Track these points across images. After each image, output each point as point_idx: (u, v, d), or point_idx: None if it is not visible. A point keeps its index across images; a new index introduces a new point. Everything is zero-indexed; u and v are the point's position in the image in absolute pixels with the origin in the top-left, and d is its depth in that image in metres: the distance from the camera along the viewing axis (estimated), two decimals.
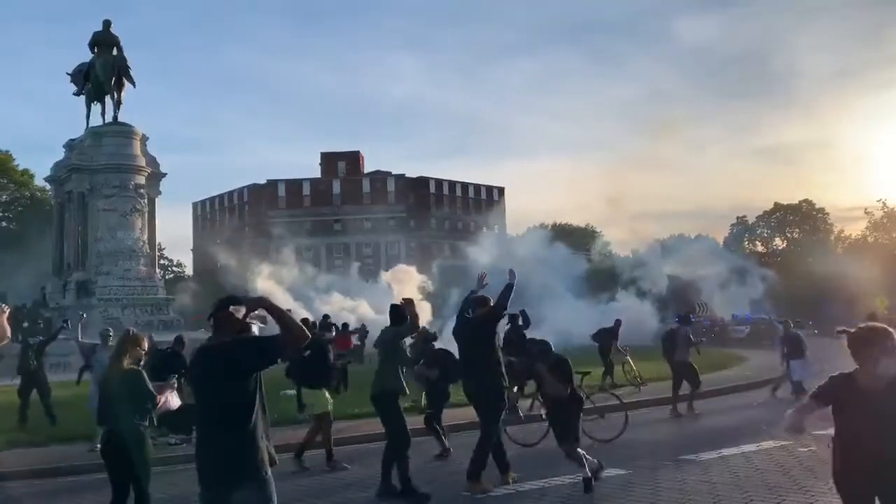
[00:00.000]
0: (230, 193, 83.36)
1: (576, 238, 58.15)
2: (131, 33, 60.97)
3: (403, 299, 8.15)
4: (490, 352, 7.77)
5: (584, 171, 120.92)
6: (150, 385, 5.85)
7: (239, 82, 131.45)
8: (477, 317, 7.86)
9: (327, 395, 9.46)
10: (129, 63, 31.11)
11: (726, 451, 9.12)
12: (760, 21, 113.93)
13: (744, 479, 7.74)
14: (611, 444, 9.85)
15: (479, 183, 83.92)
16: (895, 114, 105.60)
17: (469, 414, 10.22)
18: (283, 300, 32.46)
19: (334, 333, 10.49)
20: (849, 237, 65.49)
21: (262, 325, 3.90)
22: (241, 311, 3.83)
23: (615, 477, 7.85)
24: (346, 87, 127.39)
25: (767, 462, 8.57)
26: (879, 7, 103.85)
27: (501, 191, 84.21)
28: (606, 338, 17.19)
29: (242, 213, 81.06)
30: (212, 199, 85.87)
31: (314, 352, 9.10)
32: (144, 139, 31.65)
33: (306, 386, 9.02)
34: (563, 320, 29.04)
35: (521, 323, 13.80)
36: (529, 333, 13.16)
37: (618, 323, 18.02)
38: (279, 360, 4.05)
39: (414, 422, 10.38)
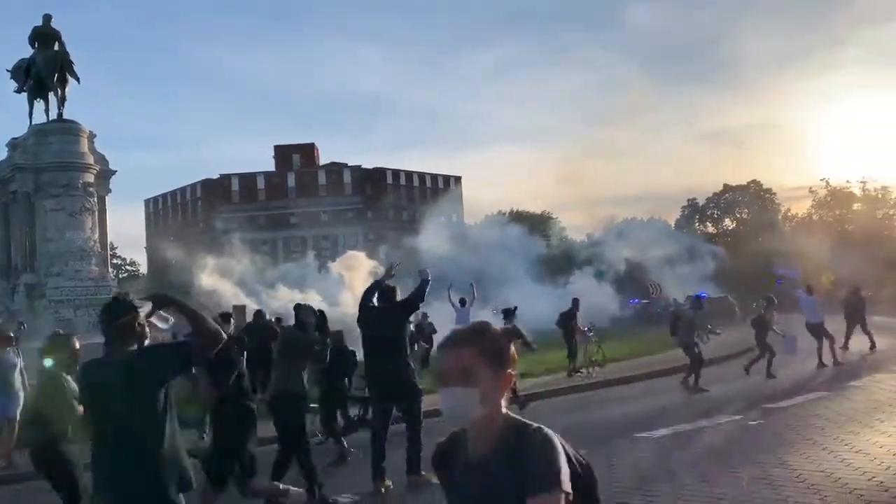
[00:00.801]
0: (182, 189, 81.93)
1: (533, 224, 58.62)
2: (78, 28, 59.85)
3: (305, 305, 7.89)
4: (406, 344, 7.66)
5: (540, 160, 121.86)
6: (74, 386, 5.72)
7: (188, 76, 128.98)
8: (395, 308, 7.52)
9: None
10: (73, 58, 30.33)
11: (680, 428, 9.41)
12: (707, 6, 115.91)
13: (697, 453, 8.02)
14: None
15: (436, 173, 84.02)
16: (836, 96, 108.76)
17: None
18: (233, 294, 32.10)
19: (231, 329, 9.11)
20: (795, 216, 67.34)
21: (165, 327, 3.47)
22: (145, 310, 3.36)
23: None
24: (299, 78, 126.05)
25: (720, 436, 8.88)
26: None
27: (458, 180, 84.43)
28: (567, 320, 17.08)
29: (196, 208, 79.76)
30: (164, 195, 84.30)
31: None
32: (92, 136, 30.92)
33: None
34: (522, 305, 29.31)
35: (512, 317, 13.91)
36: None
37: (575, 302, 17.72)
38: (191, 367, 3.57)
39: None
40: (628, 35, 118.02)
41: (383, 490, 7.16)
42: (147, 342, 3.45)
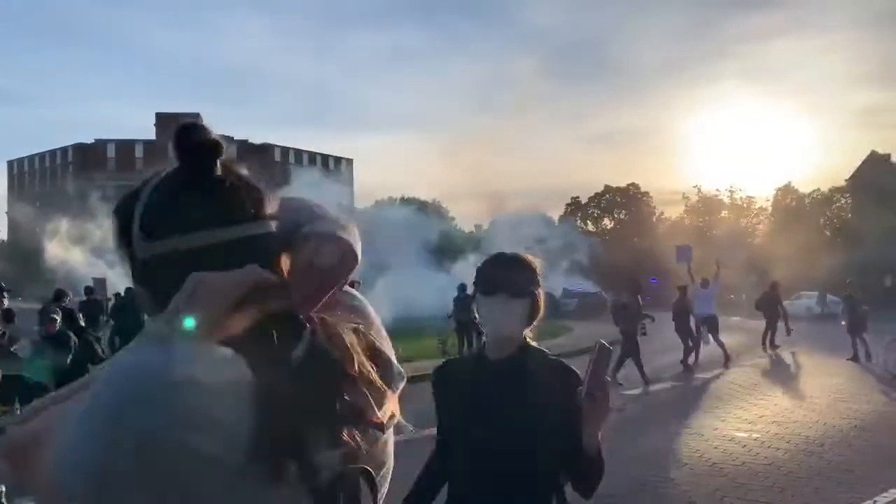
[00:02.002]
0: (52, 152, 76.85)
1: (420, 210, 59.15)
2: None
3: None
4: None
5: (434, 148, 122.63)
6: None
7: (64, 31, 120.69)
8: None
9: None
10: None
11: None
12: (601, 9, 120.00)
13: None
14: None
15: (327, 154, 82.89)
16: (714, 106, 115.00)
17: None
18: (86, 264, 30.46)
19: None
20: (668, 219, 71.15)
21: None
22: None
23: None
24: (185, 43, 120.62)
25: None
26: (708, 5, 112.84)
27: (350, 162, 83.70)
28: (462, 307, 15.72)
29: (66, 174, 75.02)
30: (31, 157, 78.80)
31: None
32: None
33: None
34: (407, 289, 29.68)
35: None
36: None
37: (461, 288, 16.62)
38: None
39: None
40: (526, 31, 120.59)
41: None
42: None
